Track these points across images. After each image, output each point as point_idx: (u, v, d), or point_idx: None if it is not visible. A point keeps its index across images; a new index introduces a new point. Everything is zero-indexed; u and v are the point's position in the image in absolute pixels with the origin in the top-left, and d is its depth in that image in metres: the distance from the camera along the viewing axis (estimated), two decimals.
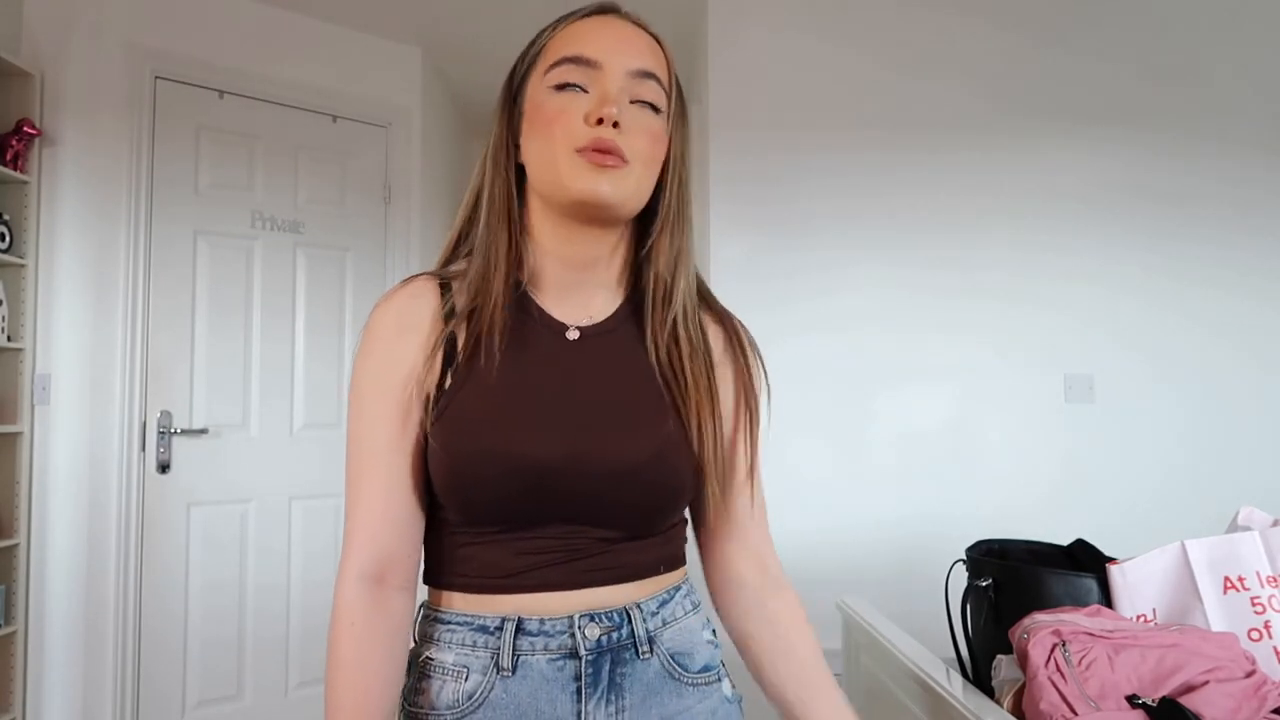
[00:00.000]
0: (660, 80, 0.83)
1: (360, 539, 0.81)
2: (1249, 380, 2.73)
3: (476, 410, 0.80)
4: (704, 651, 0.88)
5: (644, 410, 0.83)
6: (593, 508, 0.81)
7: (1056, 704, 1.04)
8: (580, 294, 0.87)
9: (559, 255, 0.85)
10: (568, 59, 0.80)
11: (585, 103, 0.79)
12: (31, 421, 2.51)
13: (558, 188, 0.80)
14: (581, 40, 0.81)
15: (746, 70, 2.74)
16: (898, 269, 2.70)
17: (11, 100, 2.47)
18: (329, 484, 3.02)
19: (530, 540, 0.81)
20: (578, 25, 0.83)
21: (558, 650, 0.80)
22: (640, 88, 0.81)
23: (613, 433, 0.81)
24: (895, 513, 2.63)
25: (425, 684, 0.82)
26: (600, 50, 0.80)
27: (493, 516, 0.81)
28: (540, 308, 0.86)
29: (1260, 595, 1.21)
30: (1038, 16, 2.77)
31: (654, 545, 0.86)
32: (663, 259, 0.86)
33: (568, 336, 0.85)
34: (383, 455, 0.81)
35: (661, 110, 0.83)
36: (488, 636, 0.80)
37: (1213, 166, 2.75)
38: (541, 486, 0.79)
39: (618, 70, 0.80)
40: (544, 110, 0.81)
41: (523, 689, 0.79)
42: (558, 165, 0.79)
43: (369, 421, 0.82)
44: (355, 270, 3.16)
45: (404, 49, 3.29)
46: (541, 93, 0.82)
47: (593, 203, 0.79)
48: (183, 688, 2.75)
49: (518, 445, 0.78)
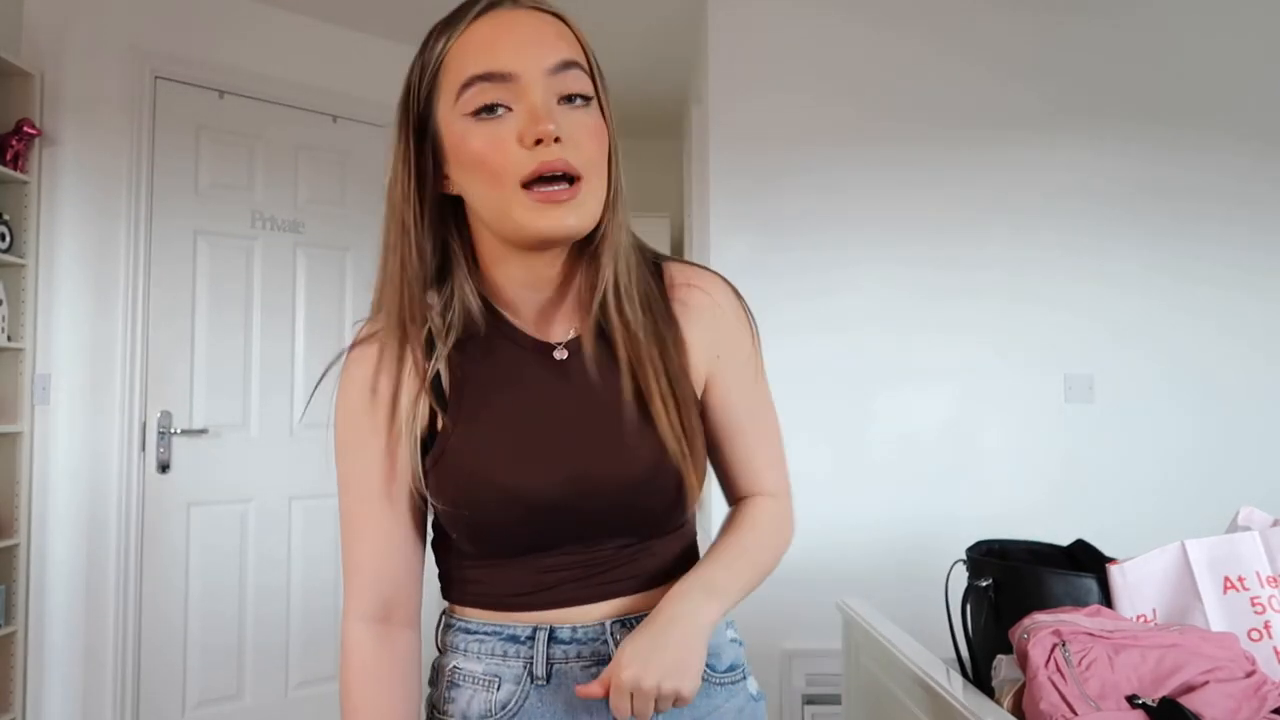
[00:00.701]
0: (580, 64, 0.75)
1: (361, 581, 0.80)
2: (1249, 380, 2.72)
3: (478, 452, 0.77)
4: (730, 651, 0.88)
5: (637, 418, 0.79)
6: (602, 525, 0.80)
7: (1056, 704, 1.04)
8: (558, 312, 0.82)
9: (525, 280, 0.80)
10: (477, 77, 0.72)
11: (513, 123, 0.72)
12: (31, 421, 2.51)
13: (515, 229, 0.74)
14: (483, 51, 0.72)
15: (747, 68, 2.74)
16: (898, 268, 2.70)
17: (11, 100, 2.47)
18: (329, 484, 2.97)
19: (547, 559, 0.80)
20: (472, 32, 0.73)
21: (591, 657, 0.79)
22: (564, 82, 0.73)
23: (611, 452, 0.78)
24: (895, 513, 2.63)
25: (454, 694, 0.81)
26: (509, 57, 0.72)
27: (504, 548, 0.80)
28: (521, 331, 0.82)
29: (1260, 595, 1.21)
30: (1038, 14, 2.76)
31: (669, 545, 0.85)
32: (606, 247, 0.78)
33: (555, 357, 0.81)
34: (375, 501, 0.80)
35: (591, 96, 0.75)
36: (519, 645, 0.80)
37: (1214, 164, 2.74)
38: (547, 517, 0.78)
39: (535, 74, 0.72)
40: (469, 146, 0.73)
41: (558, 697, 0.79)
42: (509, 208, 0.72)
43: (358, 468, 0.80)
44: (355, 270, 3.16)
45: (404, 49, 3.25)
46: (459, 123, 0.73)
47: (559, 238, 0.74)
48: (183, 688, 2.75)
49: (518, 479, 0.77)
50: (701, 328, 0.85)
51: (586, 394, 0.80)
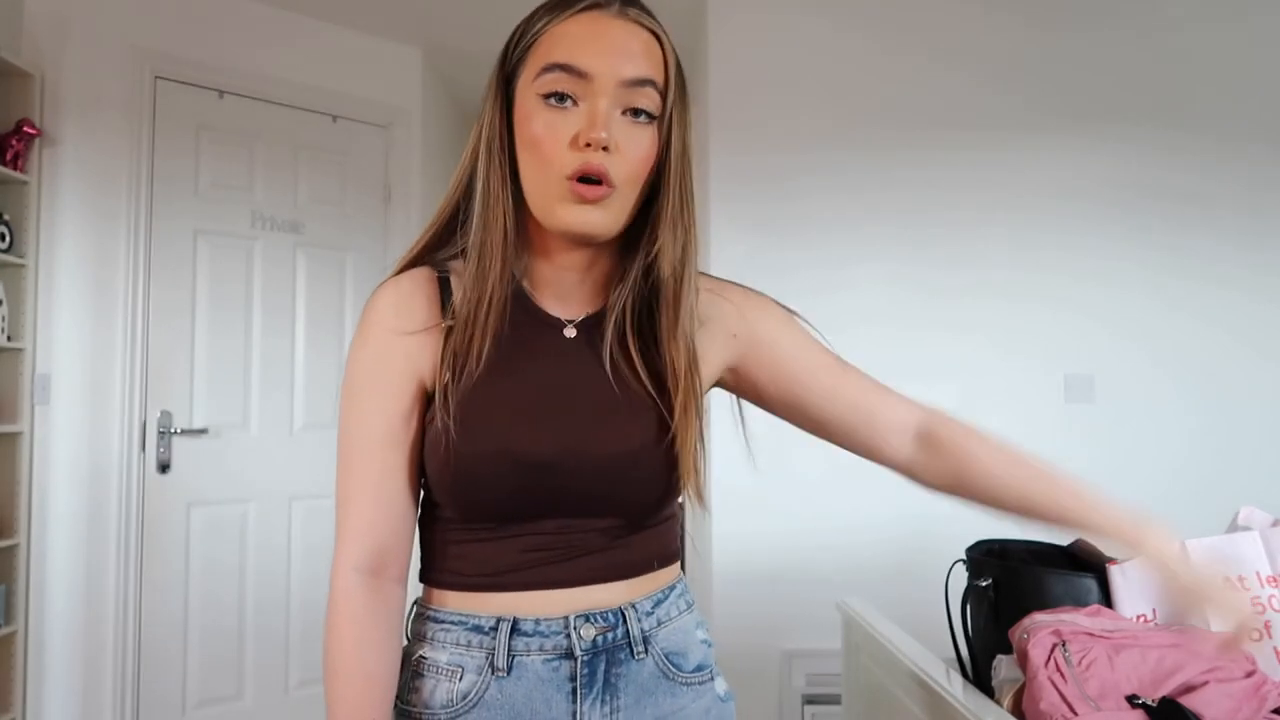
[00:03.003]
0: (655, 84, 0.80)
1: (356, 531, 0.81)
2: (1249, 379, 2.72)
3: (478, 409, 0.79)
4: (697, 651, 0.88)
5: (637, 404, 0.83)
6: (586, 501, 0.81)
7: (1056, 704, 1.04)
8: (576, 290, 0.87)
9: (553, 257, 0.85)
10: (558, 65, 0.77)
11: (574, 119, 0.77)
12: (31, 421, 2.50)
13: (546, 213, 0.80)
14: (573, 45, 0.78)
15: (747, 68, 2.74)
16: (898, 267, 2.70)
17: (11, 100, 2.47)
18: (329, 484, 3.00)
19: (526, 537, 0.81)
20: (571, 24, 0.79)
21: (553, 651, 0.80)
22: (633, 96, 0.78)
23: (606, 426, 0.81)
24: (895, 512, 2.62)
25: (419, 683, 0.82)
26: (592, 59, 0.77)
27: (489, 513, 0.81)
28: (537, 305, 0.86)
29: (1260, 595, 1.21)
30: (1040, 12, 2.76)
31: (648, 540, 0.86)
32: (667, 261, 0.84)
33: (565, 334, 0.85)
34: (378, 448, 0.81)
35: (656, 115, 0.80)
36: (482, 636, 0.80)
37: (1214, 164, 2.74)
38: (536, 482, 0.79)
39: (609, 82, 0.77)
40: (532, 125, 0.79)
41: (518, 689, 0.80)
42: (547, 190, 0.78)
43: (365, 413, 0.82)
44: (355, 270, 3.16)
45: (404, 49, 3.29)
46: (530, 100, 0.79)
47: (577, 235, 0.80)
48: (183, 688, 2.75)
49: (516, 443, 0.79)
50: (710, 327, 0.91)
51: (592, 372, 0.84)
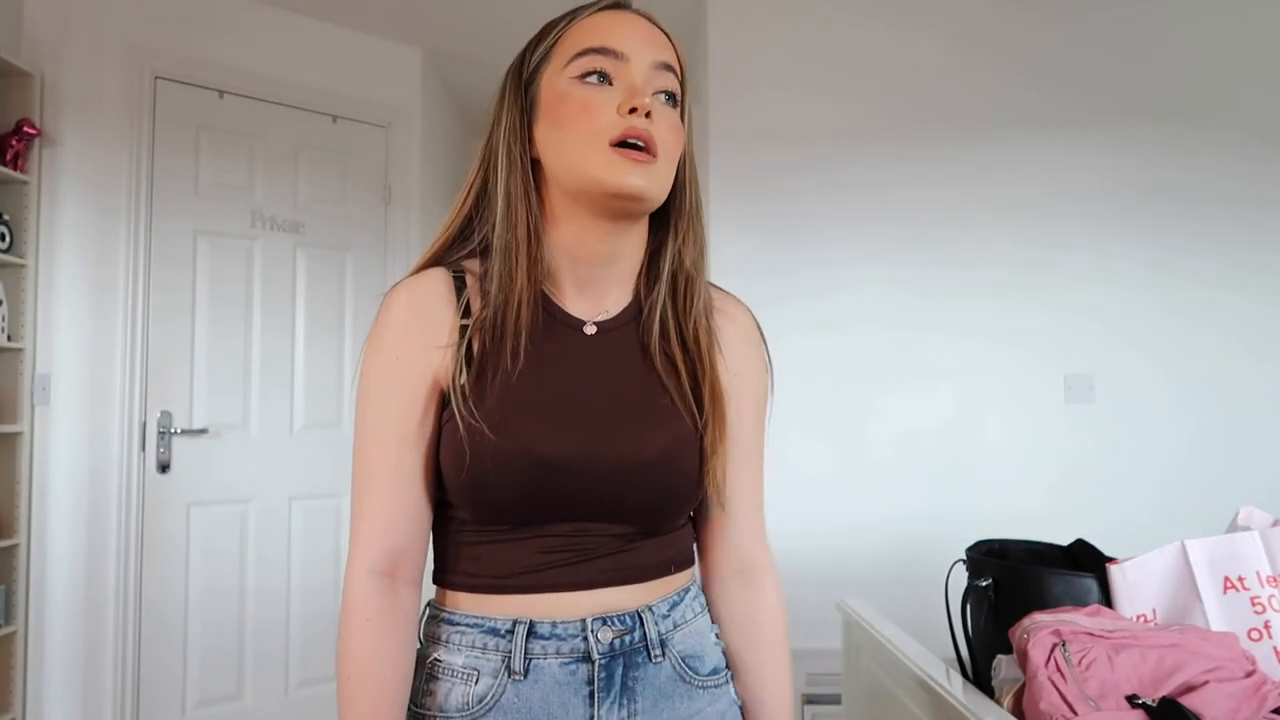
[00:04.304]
0: (676, 73, 0.83)
1: (371, 532, 0.80)
2: (1249, 379, 2.72)
3: (498, 409, 0.78)
4: (713, 653, 0.88)
5: (658, 406, 0.82)
6: (602, 505, 0.80)
7: (1056, 704, 1.04)
8: (597, 289, 0.85)
9: (578, 251, 0.84)
10: (593, 49, 0.80)
11: (613, 94, 0.79)
12: (31, 421, 2.51)
13: (589, 181, 0.78)
14: (603, 32, 0.81)
15: (746, 68, 2.74)
16: (898, 267, 2.70)
17: (11, 100, 2.47)
18: (329, 484, 3.02)
19: (541, 539, 0.80)
20: (595, 18, 0.83)
21: (570, 654, 0.79)
22: (662, 79, 0.82)
23: (625, 429, 0.80)
24: (895, 513, 2.63)
25: (433, 686, 0.81)
26: (624, 42, 0.80)
27: (504, 515, 0.80)
28: (557, 304, 0.85)
29: (1260, 595, 1.21)
30: (1040, 13, 2.77)
31: (663, 545, 0.85)
32: (688, 255, 0.86)
33: (585, 332, 0.84)
34: (394, 448, 0.80)
35: (679, 103, 0.84)
36: (498, 639, 0.80)
37: (1214, 164, 2.75)
38: (553, 483, 0.78)
39: (642, 62, 0.80)
40: (570, 101, 0.79)
41: (535, 693, 0.79)
42: (588, 159, 0.78)
43: (381, 414, 0.81)
44: (355, 270, 3.16)
45: (404, 49, 3.29)
46: (564, 83, 0.80)
47: (628, 195, 0.78)
48: (183, 688, 2.75)
49: (534, 444, 0.78)
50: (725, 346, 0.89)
51: (613, 372, 0.83)
